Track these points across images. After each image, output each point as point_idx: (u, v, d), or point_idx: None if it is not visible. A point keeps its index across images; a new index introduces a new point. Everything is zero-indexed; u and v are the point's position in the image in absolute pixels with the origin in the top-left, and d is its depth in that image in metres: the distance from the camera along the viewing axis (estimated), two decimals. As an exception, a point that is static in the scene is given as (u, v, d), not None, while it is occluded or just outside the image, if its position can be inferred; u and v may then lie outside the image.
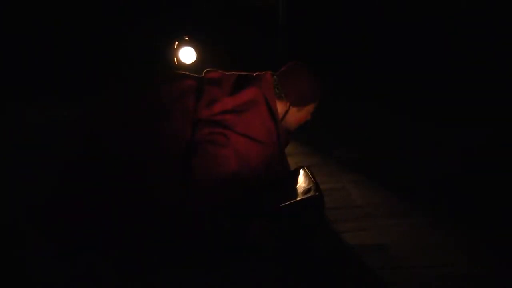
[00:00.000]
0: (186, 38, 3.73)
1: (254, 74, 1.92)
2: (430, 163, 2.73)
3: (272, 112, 1.83)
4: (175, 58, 3.70)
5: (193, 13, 4.85)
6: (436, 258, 1.73)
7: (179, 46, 3.69)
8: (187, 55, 3.71)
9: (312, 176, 1.88)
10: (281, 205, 1.71)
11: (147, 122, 1.74)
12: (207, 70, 1.95)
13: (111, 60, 4.60)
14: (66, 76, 4.52)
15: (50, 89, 4.32)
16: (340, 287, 1.57)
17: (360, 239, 1.87)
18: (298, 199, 1.75)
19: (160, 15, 4.71)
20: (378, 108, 4.03)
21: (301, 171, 1.94)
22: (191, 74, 1.94)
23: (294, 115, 1.92)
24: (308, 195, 1.76)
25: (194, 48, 3.69)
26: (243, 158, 1.73)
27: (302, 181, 1.89)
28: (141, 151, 1.70)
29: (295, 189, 1.86)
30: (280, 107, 1.88)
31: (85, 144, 1.78)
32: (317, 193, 1.75)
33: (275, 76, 1.92)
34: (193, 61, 3.69)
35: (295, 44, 5.01)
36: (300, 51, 4.97)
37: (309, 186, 1.81)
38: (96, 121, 1.82)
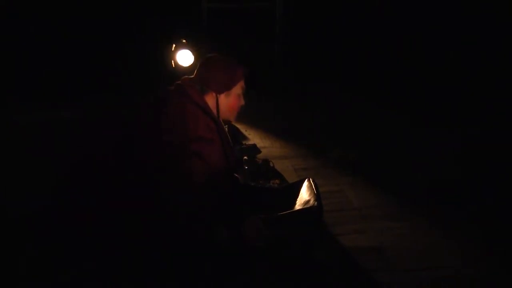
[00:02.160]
0: (184, 41, 3.73)
1: (172, 86, 1.95)
2: (427, 166, 2.74)
3: (204, 109, 1.88)
4: (173, 61, 3.70)
5: (191, 16, 4.86)
6: (433, 260, 1.73)
7: (177, 49, 3.69)
8: (184, 58, 3.71)
9: (315, 188, 1.89)
10: (278, 214, 1.73)
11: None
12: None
13: (110, 63, 4.60)
14: (65, 79, 4.53)
15: (48, 90, 4.33)
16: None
17: (357, 241, 1.87)
18: (293, 210, 1.78)
19: (158, 17, 4.71)
20: (376, 110, 4.04)
21: (306, 182, 1.96)
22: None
23: (225, 103, 1.94)
24: (306, 206, 1.78)
25: (191, 51, 3.69)
26: (207, 161, 1.78)
27: (304, 192, 1.90)
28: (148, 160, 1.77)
29: (296, 200, 1.88)
30: (210, 100, 1.91)
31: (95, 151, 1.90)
32: (315, 204, 1.77)
33: (192, 76, 1.96)
34: (190, 64, 3.69)
35: (293, 45, 5.03)
36: (298, 52, 4.99)
37: (309, 198, 1.83)
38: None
